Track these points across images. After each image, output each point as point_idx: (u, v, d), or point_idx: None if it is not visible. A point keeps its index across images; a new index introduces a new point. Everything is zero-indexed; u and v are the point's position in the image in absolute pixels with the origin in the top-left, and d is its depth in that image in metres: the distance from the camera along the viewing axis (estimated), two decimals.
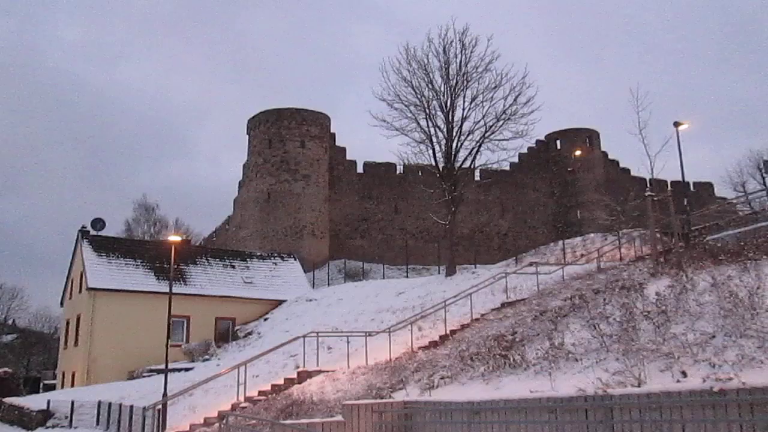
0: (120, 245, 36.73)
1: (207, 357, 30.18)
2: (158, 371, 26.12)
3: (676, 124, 27.20)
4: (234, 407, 16.93)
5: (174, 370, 25.60)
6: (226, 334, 33.80)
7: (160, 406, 16.80)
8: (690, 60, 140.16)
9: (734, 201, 37.27)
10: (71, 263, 37.58)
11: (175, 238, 23.05)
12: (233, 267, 37.92)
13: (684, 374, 8.57)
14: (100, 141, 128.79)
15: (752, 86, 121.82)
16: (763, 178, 46.25)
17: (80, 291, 34.09)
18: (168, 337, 20.64)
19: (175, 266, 30.73)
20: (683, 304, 10.92)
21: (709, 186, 60.43)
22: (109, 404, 20.60)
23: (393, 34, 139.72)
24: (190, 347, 31.33)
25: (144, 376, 28.15)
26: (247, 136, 51.04)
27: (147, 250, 36.72)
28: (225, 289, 35.66)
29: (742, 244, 14.05)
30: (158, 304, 27.18)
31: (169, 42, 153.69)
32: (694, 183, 59.05)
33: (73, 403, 22.24)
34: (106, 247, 34.93)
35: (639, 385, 8.54)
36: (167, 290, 20.37)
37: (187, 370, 26.96)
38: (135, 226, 67.69)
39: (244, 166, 51.28)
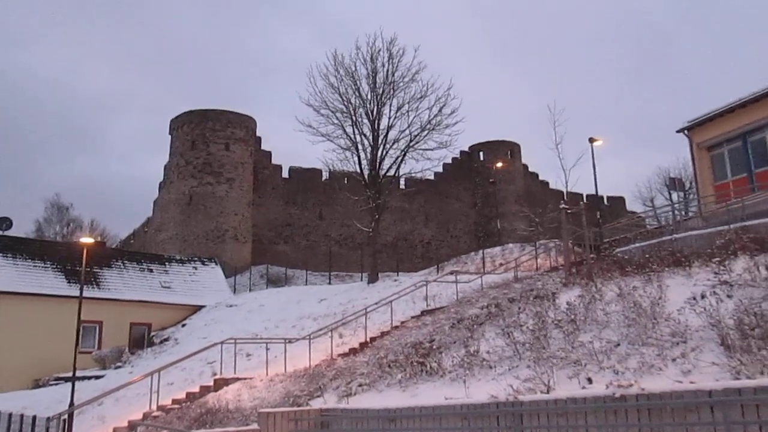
0: (28, 246, 34.90)
1: (120, 364, 29.08)
2: (66, 379, 24.97)
3: (591, 140, 28.50)
4: (145, 416, 16.40)
5: (83, 377, 24.59)
6: (141, 340, 32.66)
7: (65, 416, 16.07)
8: (605, 76, 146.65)
9: (643, 215, 39.20)
10: None
11: (87, 240, 22.15)
12: (151, 271, 36.76)
13: (590, 381, 8.91)
14: (4, 132, 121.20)
15: (663, 104, 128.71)
16: (670, 194, 48.91)
17: None
18: (77, 344, 19.77)
19: (88, 269, 29.50)
20: (592, 313, 11.37)
21: (621, 200, 63.30)
22: (10, 415, 19.43)
23: (320, 37, 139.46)
24: (102, 354, 30.09)
25: (50, 385, 26.82)
26: (169, 136, 49.69)
27: (58, 251, 35.04)
28: (141, 293, 34.48)
29: (647, 256, 14.75)
30: (68, 308, 25.97)
31: (81, 28, 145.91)
32: (608, 197, 61.70)
33: None
34: (12, 247, 33.11)
35: (548, 392, 8.82)
36: (78, 294, 19.58)
37: (97, 377, 25.92)
38: (46, 226, 64.78)
39: (165, 167, 49.86)
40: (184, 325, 32.95)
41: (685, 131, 25.42)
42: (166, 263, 38.23)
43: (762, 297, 9.33)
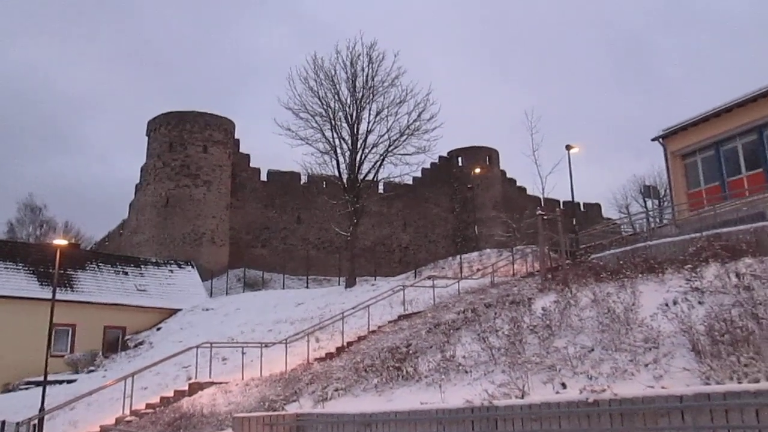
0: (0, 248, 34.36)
1: (93, 368, 28.72)
2: (37, 383, 24.57)
3: (568, 147, 28.80)
4: (118, 421, 16.20)
5: (55, 382, 24.23)
6: (115, 343, 32.29)
7: (35, 421, 15.81)
8: (583, 84, 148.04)
9: (618, 222, 39.71)
10: None
11: (60, 242, 21.85)
12: (126, 273, 36.35)
13: (564, 386, 9.00)
14: None
15: (640, 112, 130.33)
16: (645, 202, 49.65)
17: None
18: (49, 347, 19.46)
19: (61, 271, 29.14)
20: (566, 318, 11.48)
21: (597, 207, 63.98)
22: None
23: (301, 40, 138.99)
24: (75, 357, 29.68)
25: (21, 389, 26.37)
26: (146, 138, 49.20)
27: (30, 253, 34.50)
28: (116, 296, 34.10)
29: (622, 263, 14.93)
30: (40, 311, 25.57)
31: (58, 26, 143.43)
32: (584, 203, 62.31)
33: None
34: None
35: (522, 397, 8.88)
36: (51, 296, 19.30)
37: (69, 382, 25.55)
38: (19, 227, 63.73)
39: (142, 168, 49.34)
40: (159, 329, 32.63)
41: (660, 139, 25.82)
42: (142, 266, 37.85)
43: (732, 303, 9.51)
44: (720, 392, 6.49)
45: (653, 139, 26.15)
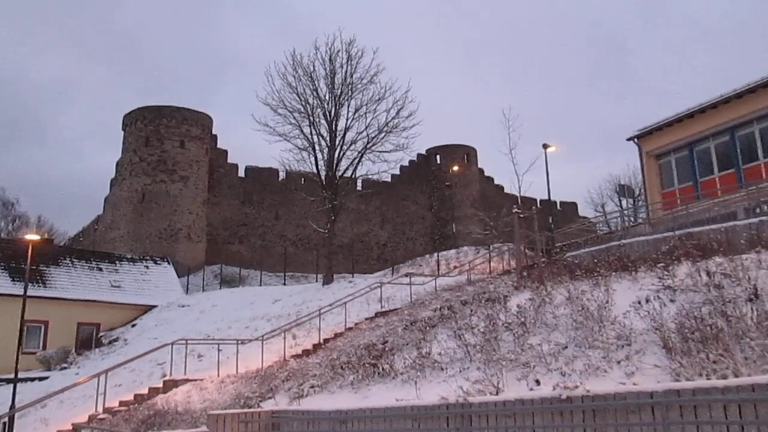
0: None
1: (65, 365, 28.33)
2: (8, 381, 24.19)
3: (545, 146, 29.06)
4: (91, 419, 16.02)
5: (26, 379, 23.89)
6: (89, 340, 31.89)
7: (6, 420, 15.57)
8: (560, 82, 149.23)
9: (594, 221, 40.14)
10: None
11: (33, 236, 21.52)
12: (100, 269, 35.93)
13: (538, 382, 9.07)
14: None
15: (615, 110, 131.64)
16: (620, 201, 50.18)
17: None
18: (20, 344, 19.17)
19: (34, 267, 28.69)
20: (541, 316, 11.57)
21: (573, 205, 64.58)
22: None
23: (280, 35, 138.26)
24: (47, 354, 29.24)
25: None
26: (122, 132, 48.59)
27: (2, 248, 33.94)
28: (90, 292, 33.68)
29: (596, 261, 15.09)
30: (12, 307, 25.18)
31: (31, 14, 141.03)
32: (561, 202, 62.83)
33: None
34: None
35: (497, 393, 8.95)
36: (23, 292, 19.01)
37: (41, 379, 25.20)
38: None
39: (117, 163, 48.75)
40: (134, 326, 32.32)
41: (635, 139, 26.15)
42: (117, 262, 37.44)
43: (702, 301, 9.65)
44: (689, 388, 6.59)
45: (628, 139, 26.47)
